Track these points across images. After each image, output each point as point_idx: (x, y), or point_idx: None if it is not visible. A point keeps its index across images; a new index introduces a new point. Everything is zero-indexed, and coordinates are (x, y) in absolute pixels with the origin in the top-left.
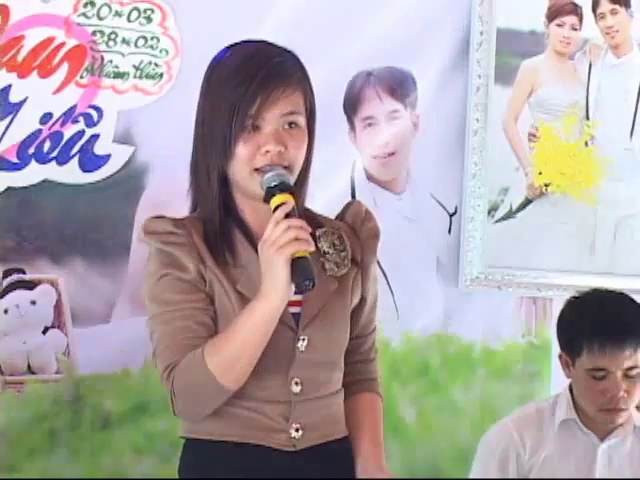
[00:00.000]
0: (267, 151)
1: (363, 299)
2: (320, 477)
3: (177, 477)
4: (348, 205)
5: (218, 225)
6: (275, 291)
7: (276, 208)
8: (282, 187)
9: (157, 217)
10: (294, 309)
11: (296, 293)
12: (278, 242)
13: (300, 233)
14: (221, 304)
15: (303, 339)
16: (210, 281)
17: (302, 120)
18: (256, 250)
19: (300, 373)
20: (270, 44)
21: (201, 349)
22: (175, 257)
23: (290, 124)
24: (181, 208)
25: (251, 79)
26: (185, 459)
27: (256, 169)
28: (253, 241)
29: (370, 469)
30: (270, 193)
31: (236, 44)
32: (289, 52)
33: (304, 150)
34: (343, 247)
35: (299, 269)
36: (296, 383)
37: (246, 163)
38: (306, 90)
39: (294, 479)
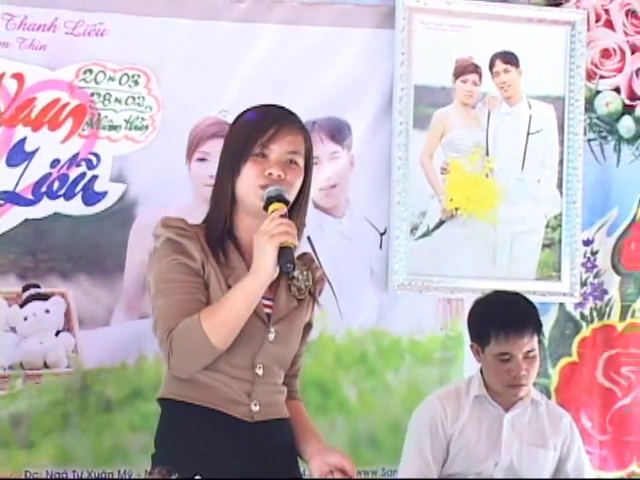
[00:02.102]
0: (270, 174)
1: (309, 325)
2: (270, 444)
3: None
4: (304, 254)
5: (220, 233)
6: (264, 270)
7: (272, 212)
8: (279, 198)
9: (170, 217)
10: (267, 310)
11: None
12: (271, 232)
13: (289, 229)
14: (214, 291)
15: (272, 332)
16: (209, 272)
17: (301, 161)
18: (242, 256)
19: (264, 360)
20: (284, 108)
21: (197, 314)
22: (185, 247)
23: (291, 161)
24: None
25: (267, 118)
26: (161, 418)
27: (260, 186)
28: (241, 250)
29: (321, 447)
30: (269, 201)
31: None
32: (296, 115)
33: (299, 185)
34: (307, 278)
35: (285, 255)
36: (259, 367)
37: (251, 181)
38: (306, 138)
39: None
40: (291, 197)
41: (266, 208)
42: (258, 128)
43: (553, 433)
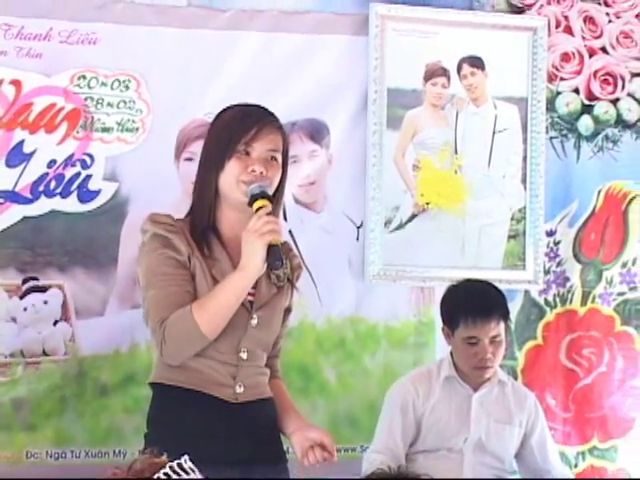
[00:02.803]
0: (253, 170)
1: (289, 309)
2: (254, 423)
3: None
4: (282, 244)
5: (204, 226)
6: (253, 266)
7: (257, 209)
8: (263, 195)
9: (157, 213)
10: (250, 297)
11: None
12: (260, 230)
13: (276, 227)
14: (199, 282)
15: (255, 318)
16: (194, 264)
17: (279, 157)
18: (224, 248)
19: (248, 345)
20: (264, 108)
21: (189, 306)
22: (172, 241)
23: (271, 158)
24: None
25: (250, 118)
26: (153, 401)
27: (242, 181)
28: (223, 243)
29: (301, 423)
30: (254, 198)
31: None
32: (274, 115)
33: (278, 179)
34: (286, 266)
35: (273, 253)
36: (244, 351)
37: (235, 176)
38: (284, 137)
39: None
40: (272, 190)
41: (251, 204)
42: (241, 127)
43: (518, 411)
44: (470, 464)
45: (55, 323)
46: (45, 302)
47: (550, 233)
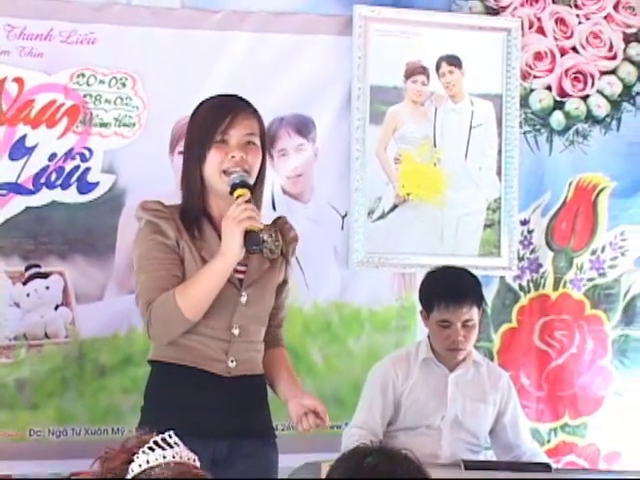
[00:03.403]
0: (233, 156)
1: (285, 281)
2: (244, 398)
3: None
4: (278, 218)
5: (195, 214)
6: (231, 252)
7: (237, 197)
8: (242, 184)
9: (148, 200)
10: (239, 275)
11: (246, 256)
12: (238, 217)
13: (253, 214)
14: (189, 264)
15: (244, 295)
16: (183, 248)
17: (257, 141)
18: (216, 230)
19: (240, 321)
20: (237, 96)
21: (173, 290)
22: (161, 227)
23: (249, 142)
24: None
25: (223, 108)
26: (150, 375)
27: (224, 171)
28: (214, 225)
29: (297, 391)
30: (234, 187)
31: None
32: (248, 101)
33: (259, 161)
34: (277, 239)
35: (250, 238)
36: (236, 328)
37: (217, 165)
38: (259, 120)
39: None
40: (254, 175)
41: (232, 193)
42: (217, 118)
43: (492, 390)
44: (447, 440)
45: (56, 308)
46: (47, 288)
47: (524, 222)
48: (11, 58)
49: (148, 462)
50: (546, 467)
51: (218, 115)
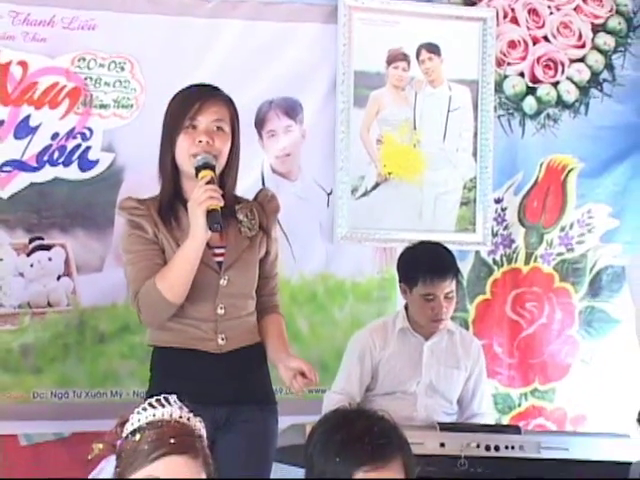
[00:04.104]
0: (200, 141)
1: (267, 252)
2: (238, 370)
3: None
4: (260, 191)
5: (169, 199)
6: (198, 234)
7: (201, 179)
8: (205, 165)
9: (127, 198)
10: (218, 259)
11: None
12: (198, 199)
13: (213, 194)
14: (168, 254)
15: (225, 278)
16: (161, 239)
17: (227, 127)
18: None
19: (223, 301)
20: (210, 85)
21: (153, 278)
22: (139, 223)
23: (217, 128)
24: (146, 193)
25: (193, 95)
26: (152, 357)
27: (193, 155)
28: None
29: (283, 355)
30: (198, 169)
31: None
32: (219, 89)
33: (227, 147)
34: (253, 217)
35: (211, 218)
36: (220, 308)
37: (186, 150)
38: (230, 107)
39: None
40: (222, 159)
41: (197, 176)
42: (186, 104)
43: (465, 356)
44: (422, 404)
45: (58, 278)
46: (49, 259)
47: (498, 200)
48: (16, 43)
49: (139, 420)
50: (516, 429)
51: (187, 102)
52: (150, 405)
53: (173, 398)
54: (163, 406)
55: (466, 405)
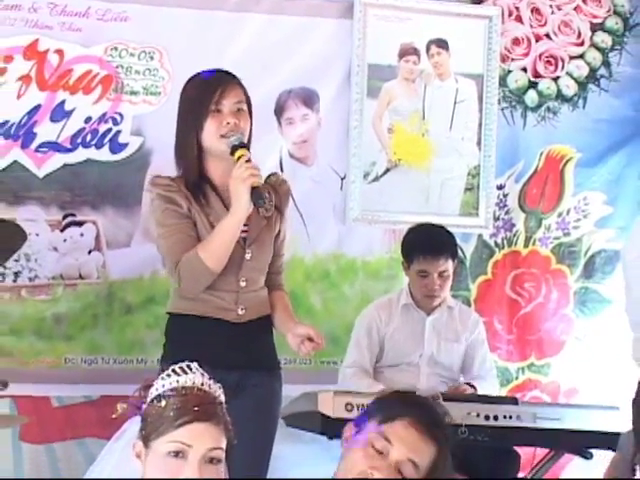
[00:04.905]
0: (227, 123)
1: (279, 232)
2: (253, 338)
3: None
4: (271, 175)
5: (194, 179)
6: (241, 209)
7: (238, 158)
8: (241, 145)
9: (158, 176)
10: (243, 235)
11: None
12: (242, 176)
13: (255, 171)
14: (200, 229)
15: (249, 252)
16: (194, 213)
17: (245, 107)
18: (218, 195)
19: (245, 274)
20: (223, 70)
21: (195, 249)
22: (173, 198)
23: (239, 109)
24: (172, 175)
25: (213, 82)
26: (168, 325)
27: (221, 135)
28: (216, 189)
29: (291, 325)
30: (234, 148)
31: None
32: (231, 73)
33: (249, 124)
34: (270, 199)
35: (256, 194)
36: (243, 280)
37: (214, 132)
38: (245, 92)
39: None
40: (246, 136)
41: (232, 153)
42: (209, 91)
43: (463, 330)
44: (425, 375)
45: (89, 252)
46: (81, 235)
47: (500, 187)
48: (53, 32)
49: (163, 387)
50: (513, 401)
51: (210, 88)
52: (174, 372)
53: (195, 365)
54: (186, 373)
55: (467, 370)
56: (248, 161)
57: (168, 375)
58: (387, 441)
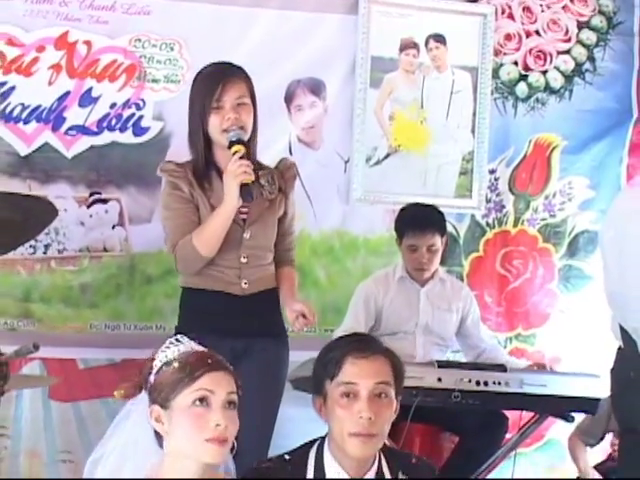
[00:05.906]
0: (229, 118)
1: (285, 213)
2: (258, 309)
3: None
4: (281, 160)
5: (202, 166)
6: (230, 201)
7: (234, 153)
8: (238, 140)
9: (167, 161)
10: (243, 216)
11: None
12: (234, 173)
13: (247, 169)
14: (202, 210)
15: (247, 232)
16: (196, 198)
17: (248, 101)
18: (222, 181)
19: (246, 252)
20: (229, 63)
21: (190, 235)
22: (177, 184)
23: (239, 104)
24: (189, 157)
25: (215, 78)
26: (182, 298)
27: (224, 130)
28: (221, 176)
29: (290, 300)
30: (231, 144)
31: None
32: (239, 67)
33: (252, 116)
34: (273, 182)
35: (244, 191)
36: (244, 257)
37: (217, 127)
38: (247, 82)
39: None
40: (249, 129)
41: (230, 148)
42: (210, 87)
43: (456, 300)
44: (420, 342)
45: (113, 227)
46: (106, 211)
47: (492, 171)
48: (82, 24)
49: (167, 356)
50: (502, 367)
51: (211, 85)
52: (171, 343)
53: (185, 338)
54: (182, 343)
55: (472, 343)
56: (242, 157)
57: (167, 347)
58: (351, 384)
